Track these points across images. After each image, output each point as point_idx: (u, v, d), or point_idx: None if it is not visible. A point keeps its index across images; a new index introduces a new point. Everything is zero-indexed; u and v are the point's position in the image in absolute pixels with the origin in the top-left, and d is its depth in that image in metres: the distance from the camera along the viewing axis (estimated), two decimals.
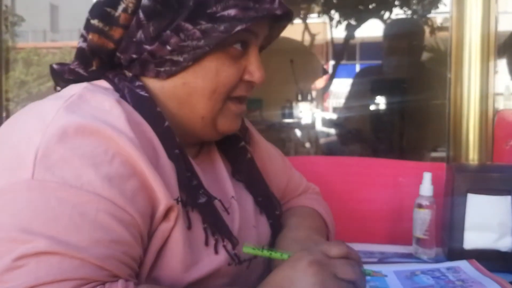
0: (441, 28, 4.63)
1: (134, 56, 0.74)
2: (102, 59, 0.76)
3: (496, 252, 1.09)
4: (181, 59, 0.72)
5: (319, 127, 4.05)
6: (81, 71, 0.77)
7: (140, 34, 0.73)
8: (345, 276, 0.63)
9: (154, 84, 0.75)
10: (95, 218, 0.58)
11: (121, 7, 0.73)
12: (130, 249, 0.61)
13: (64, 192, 0.58)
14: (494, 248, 1.09)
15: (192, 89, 0.74)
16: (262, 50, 0.83)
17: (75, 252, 0.55)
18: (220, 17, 0.70)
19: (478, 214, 1.10)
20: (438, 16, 4.90)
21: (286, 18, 0.81)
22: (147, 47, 0.72)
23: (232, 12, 0.70)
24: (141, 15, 0.72)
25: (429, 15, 4.71)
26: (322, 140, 3.92)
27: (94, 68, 0.76)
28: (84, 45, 0.75)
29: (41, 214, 0.57)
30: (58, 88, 0.81)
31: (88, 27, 0.75)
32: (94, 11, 0.75)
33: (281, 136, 3.62)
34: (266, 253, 0.72)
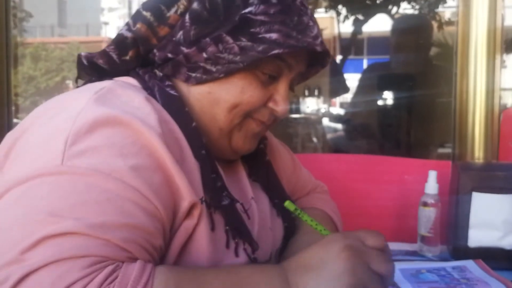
0: (449, 23, 4.61)
1: (170, 55, 0.75)
2: (139, 51, 0.77)
3: (501, 250, 1.10)
4: (213, 69, 0.73)
5: (326, 122, 4.05)
6: (114, 56, 0.77)
7: (180, 35, 0.74)
8: (377, 268, 0.60)
9: (181, 87, 0.76)
10: (121, 205, 0.59)
11: (174, 9, 0.75)
12: (151, 237, 0.62)
13: (92, 177, 0.59)
14: (499, 246, 1.10)
15: (215, 99, 0.75)
16: (292, 89, 0.83)
17: (100, 233, 0.57)
18: (262, 38, 0.71)
19: (482, 212, 1.11)
20: (446, 10, 4.88)
21: (322, 63, 0.83)
22: (184, 49, 0.74)
23: (273, 35, 0.71)
24: (187, 17, 0.74)
25: (437, 10, 4.69)
26: (329, 136, 3.92)
27: (127, 57, 0.77)
28: (127, 33, 0.77)
29: (69, 198, 0.58)
30: (80, 81, 0.82)
31: (137, 17, 0.77)
32: (149, 4, 0.77)
33: (288, 131, 3.63)
34: (306, 217, 0.72)
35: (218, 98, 0.75)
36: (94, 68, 0.80)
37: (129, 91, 0.69)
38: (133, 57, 0.77)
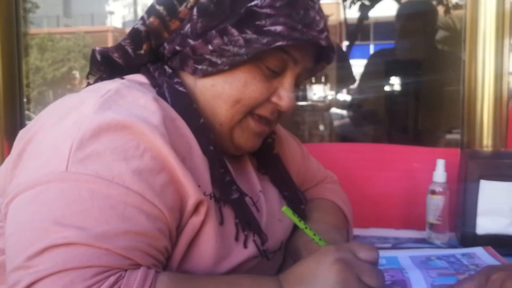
0: (456, 7, 4.56)
1: (178, 48, 0.77)
2: (152, 46, 0.79)
3: (509, 237, 1.11)
4: (218, 61, 0.74)
5: (332, 109, 4.04)
6: (129, 50, 0.79)
7: (188, 28, 0.76)
8: (368, 282, 0.62)
9: (189, 80, 0.78)
10: (123, 211, 0.61)
11: (185, 3, 0.76)
12: (155, 241, 0.63)
13: (95, 184, 0.61)
14: (506, 233, 1.11)
15: (218, 93, 0.76)
16: (299, 85, 0.84)
17: (102, 243, 0.58)
18: (267, 31, 0.72)
19: (490, 200, 1.11)
20: None
21: (327, 59, 0.84)
22: (191, 41, 0.75)
23: (278, 28, 0.72)
24: (194, 10, 0.76)
25: None
26: (336, 123, 3.91)
27: (142, 52, 0.79)
28: (141, 27, 0.78)
29: (73, 205, 0.60)
30: (90, 81, 0.83)
31: (151, 11, 0.79)
32: None
33: (295, 119, 3.62)
34: (302, 225, 0.72)
35: (221, 91, 0.76)
36: (107, 63, 0.81)
37: (136, 92, 0.70)
38: (147, 50, 0.79)
